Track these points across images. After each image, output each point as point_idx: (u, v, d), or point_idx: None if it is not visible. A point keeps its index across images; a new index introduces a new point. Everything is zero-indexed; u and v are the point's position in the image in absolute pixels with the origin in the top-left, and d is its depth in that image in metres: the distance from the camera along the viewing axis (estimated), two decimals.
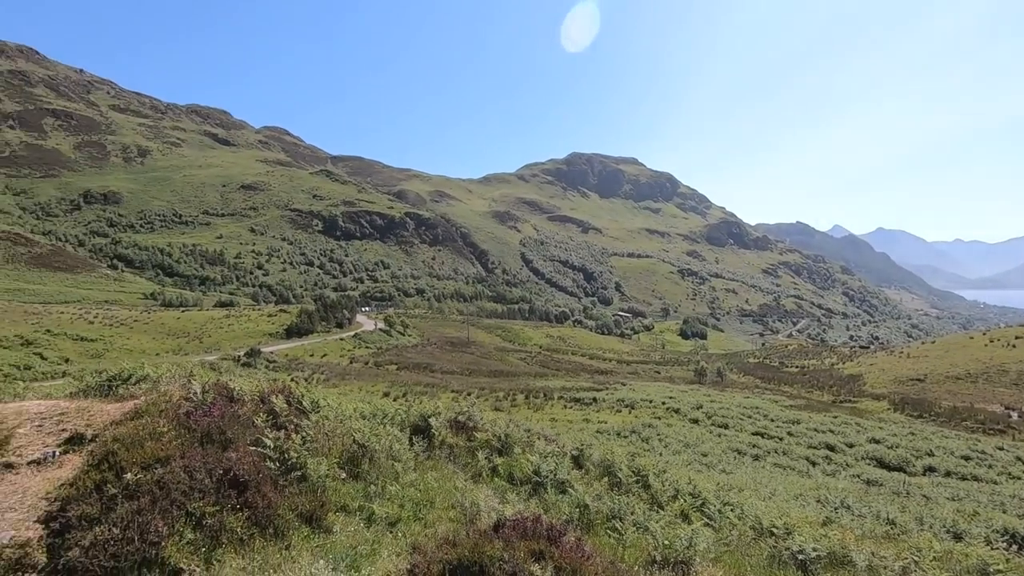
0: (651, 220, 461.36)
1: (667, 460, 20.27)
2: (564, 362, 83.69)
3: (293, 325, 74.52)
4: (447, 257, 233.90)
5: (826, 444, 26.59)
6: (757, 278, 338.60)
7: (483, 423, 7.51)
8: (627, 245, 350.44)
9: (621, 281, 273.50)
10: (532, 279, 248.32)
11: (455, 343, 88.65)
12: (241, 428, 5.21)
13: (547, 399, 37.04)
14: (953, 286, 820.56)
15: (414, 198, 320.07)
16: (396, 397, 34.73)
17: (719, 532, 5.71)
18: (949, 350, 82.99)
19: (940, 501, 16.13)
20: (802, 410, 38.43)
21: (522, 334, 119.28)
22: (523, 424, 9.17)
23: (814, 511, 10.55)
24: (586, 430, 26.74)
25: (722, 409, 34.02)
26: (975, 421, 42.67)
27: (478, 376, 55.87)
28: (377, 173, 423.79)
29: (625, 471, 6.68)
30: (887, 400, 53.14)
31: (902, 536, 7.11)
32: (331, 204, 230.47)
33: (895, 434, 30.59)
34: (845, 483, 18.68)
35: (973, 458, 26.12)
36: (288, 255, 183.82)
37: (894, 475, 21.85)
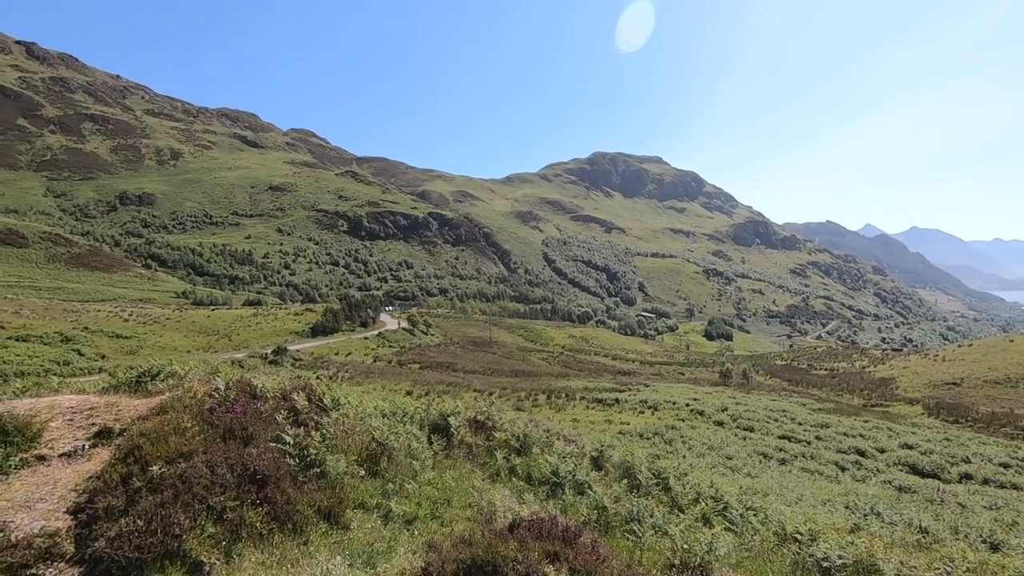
0: (675, 220, 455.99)
1: (690, 463, 19.98)
2: (586, 363, 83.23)
3: (319, 324, 75.68)
4: (470, 257, 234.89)
5: (856, 449, 25.87)
6: (785, 278, 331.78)
7: (502, 423, 7.49)
8: (651, 245, 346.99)
9: (644, 281, 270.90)
10: (555, 279, 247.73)
11: (477, 343, 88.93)
12: (262, 424, 5.30)
13: (569, 400, 36.86)
14: (992, 287, 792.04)
15: (437, 198, 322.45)
16: (418, 396, 34.99)
17: (741, 537, 5.59)
18: (987, 353, 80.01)
19: (976, 510, 15.55)
20: (831, 414, 37.51)
21: (544, 334, 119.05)
22: (543, 424, 9.14)
23: (842, 517, 10.28)
24: (608, 431, 26.54)
25: (748, 412, 33.40)
26: (1015, 427, 41.06)
27: (500, 376, 55.93)
28: (401, 174, 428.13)
29: (645, 473, 6.59)
30: (921, 404, 51.54)
31: (935, 545, 6.87)
32: (356, 205, 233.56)
33: (929, 439, 29.61)
34: (876, 489, 18.15)
35: (1013, 466, 25.12)
36: (314, 255, 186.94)
37: (928, 482, 21.15)
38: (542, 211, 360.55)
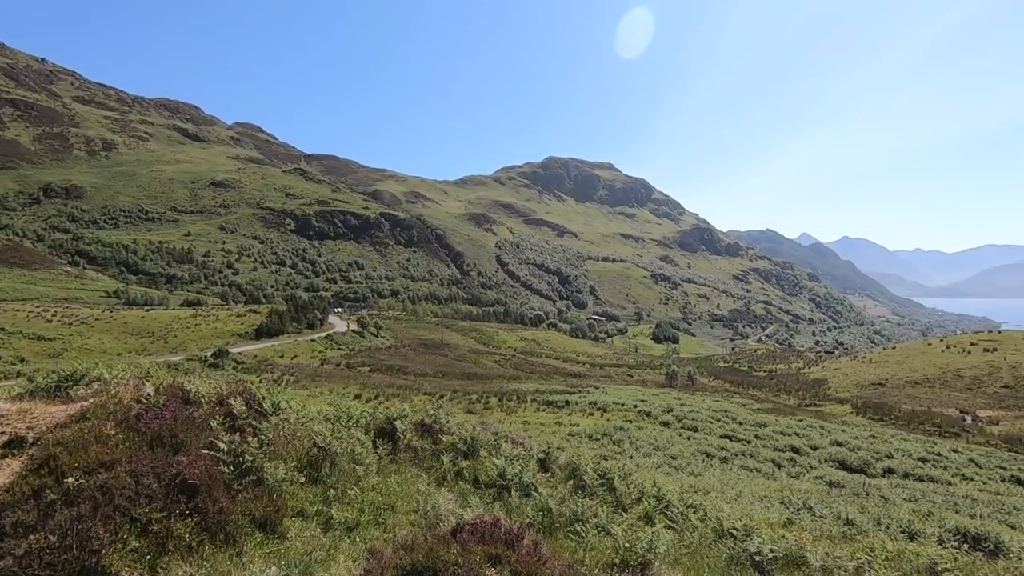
0: (626, 225, 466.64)
1: (637, 463, 20.46)
2: (538, 365, 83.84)
3: (263, 325, 73.02)
4: (422, 259, 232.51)
5: (791, 447, 27.13)
6: (728, 284, 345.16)
7: (450, 426, 7.43)
8: (602, 249, 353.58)
9: (596, 285, 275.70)
10: (507, 282, 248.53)
11: (429, 345, 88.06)
12: (195, 431, 5.05)
13: (520, 402, 37.01)
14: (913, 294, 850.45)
15: (389, 199, 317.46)
16: (367, 399, 34.30)
17: (681, 534, 5.75)
18: (909, 356, 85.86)
19: (897, 502, 16.60)
20: (769, 413, 39.22)
21: (496, 336, 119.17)
22: (492, 427, 9.13)
23: (777, 512, 10.74)
24: (558, 433, 26.80)
25: (692, 412, 34.48)
26: (932, 424, 44.21)
27: (452, 378, 55.56)
28: (352, 173, 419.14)
29: (591, 474, 6.69)
30: (850, 404, 54.67)
31: (859, 536, 7.28)
32: (304, 203, 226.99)
33: (857, 437, 31.43)
34: (808, 484, 19.07)
35: (930, 460, 27.01)
36: (259, 254, 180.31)
37: (855, 477, 22.44)
38: (496, 214, 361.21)
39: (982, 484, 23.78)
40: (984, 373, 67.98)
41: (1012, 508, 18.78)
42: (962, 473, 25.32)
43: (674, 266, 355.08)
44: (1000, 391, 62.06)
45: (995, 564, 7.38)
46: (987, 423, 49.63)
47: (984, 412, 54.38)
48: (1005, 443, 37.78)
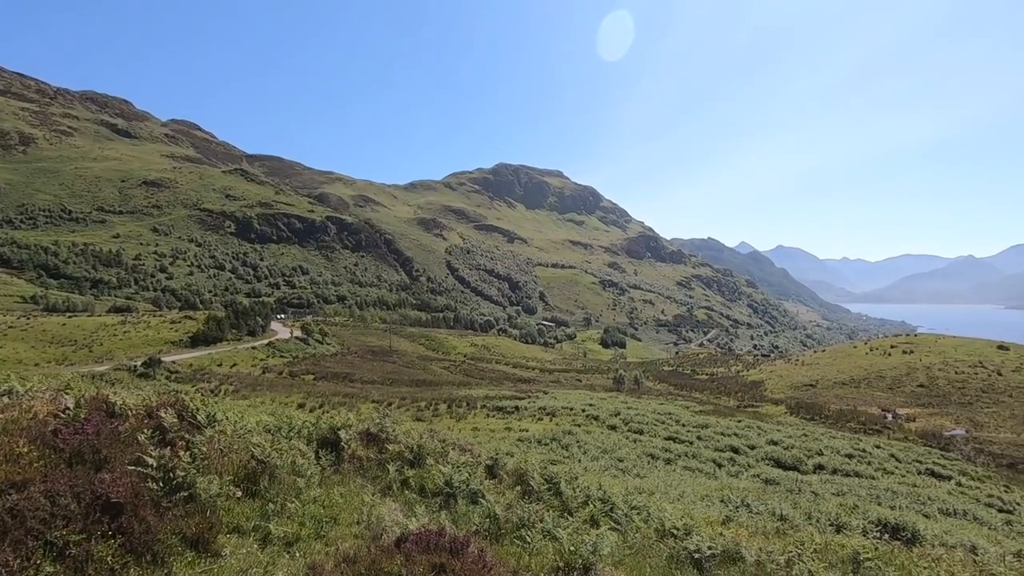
0: (575, 232, 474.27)
1: (585, 466, 20.73)
2: (488, 371, 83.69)
3: (200, 333, 69.56)
4: (370, 264, 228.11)
5: (731, 447, 28.15)
6: (672, 290, 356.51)
7: (397, 435, 7.31)
8: (551, 256, 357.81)
9: (545, 291, 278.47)
10: (457, 287, 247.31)
11: (377, 352, 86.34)
12: (120, 446, 4.75)
13: (470, 408, 36.81)
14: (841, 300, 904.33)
15: (336, 202, 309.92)
16: (312, 409, 33.23)
17: (625, 535, 5.88)
18: (837, 358, 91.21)
19: (827, 497, 17.55)
20: (710, 415, 40.63)
21: (446, 343, 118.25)
22: (440, 434, 9.04)
23: (717, 511, 11.13)
24: (508, 439, 26.80)
25: (638, 415, 35.27)
26: (857, 422, 47.04)
27: (400, 386, 54.65)
28: (297, 175, 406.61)
29: (537, 479, 6.73)
30: (785, 404, 57.43)
31: (791, 531, 7.66)
32: (246, 205, 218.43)
33: (791, 436, 33.01)
34: (746, 483, 19.87)
35: (855, 456, 28.71)
36: (196, 258, 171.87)
37: (789, 474, 23.54)
38: (446, 219, 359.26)
39: (901, 477, 25.49)
40: (903, 373, 73.00)
41: (927, 499, 20.24)
42: (884, 467, 27.03)
43: (621, 272, 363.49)
44: (916, 390, 66.80)
45: (911, 551, 7.94)
46: (905, 420, 53.30)
47: (903, 410, 58.37)
48: (921, 438, 40.69)
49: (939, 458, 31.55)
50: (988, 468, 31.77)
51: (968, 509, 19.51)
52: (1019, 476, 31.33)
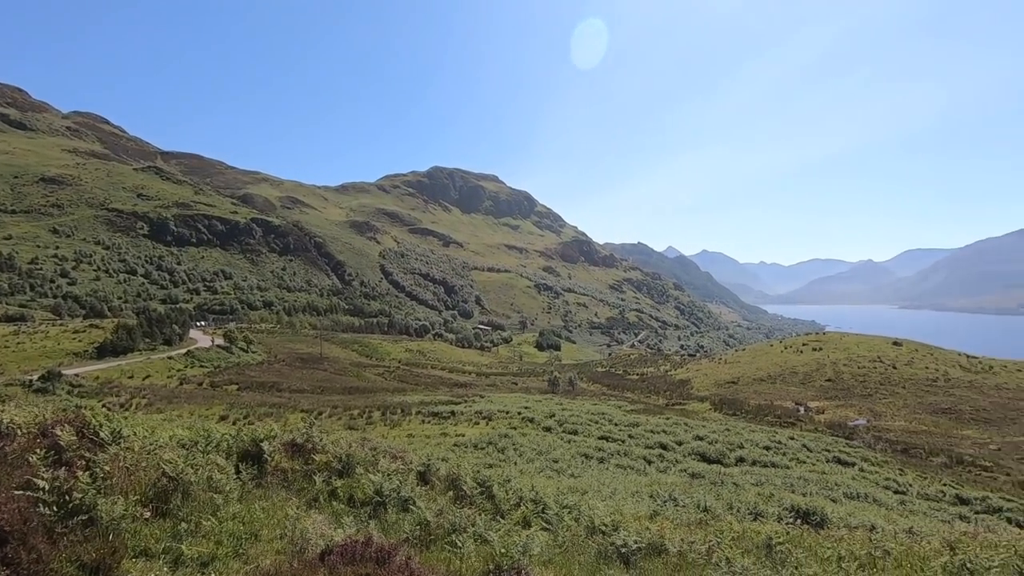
0: (510, 236, 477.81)
1: (520, 468, 20.87)
2: (424, 376, 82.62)
3: (108, 343, 64.29)
4: (299, 268, 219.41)
5: (660, 444, 29.21)
6: (605, 293, 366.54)
7: (324, 444, 7.05)
8: (487, 260, 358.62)
9: (481, 295, 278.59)
10: (392, 292, 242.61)
11: (307, 359, 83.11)
12: (7, 469, 4.30)
13: (405, 414, 36.17)
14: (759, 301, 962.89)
15: (262, 203, 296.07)
16: (235, 420, 31.51)
17: (556, 535, 5.97)
18: (756, 356, 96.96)
19: (746, 487, 18.58)
20: (641, 413, 42.03)
21: (380, 348, 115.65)
22: (371, 442, 8.82)
23: (646, 506, 11.53)
24: (443, 444, 26.55)
25: (572, 416, 35.92)
26: (774, 416, 50.17)
27: (332, 394, 52.86)
28: (219, 174, 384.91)
29: (470, 483, 6.71)
30: (709, 401, 60.37)
31: (712, 521, 8.05)
32: (161, 205, 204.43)
33: (715, 431, 34.70)
34: (674, 478, 20.68)
35: (772, 448, 30.57)
36: (104, 262, 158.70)
37: (713, 467, 24.72)
38: (379, 222, 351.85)
39: (812, 465, 27.40)
40: (813, 369, 78.67)
41: (834, 484, 21.89)
42: (797, 457, 28.96)
43: (556, 276, 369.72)
44: (825, 384, 72.16)
45: (819, 534, 8.56)
46: (816, 412, 57.45)
47: (813, 403, 62.89)
48: (829, 429, 43.96)
49: (844, 446, 34.19)
50: (886, 454, 34.78)
51: (869, 492, 21.28)
52: (911, 460, 34.51)
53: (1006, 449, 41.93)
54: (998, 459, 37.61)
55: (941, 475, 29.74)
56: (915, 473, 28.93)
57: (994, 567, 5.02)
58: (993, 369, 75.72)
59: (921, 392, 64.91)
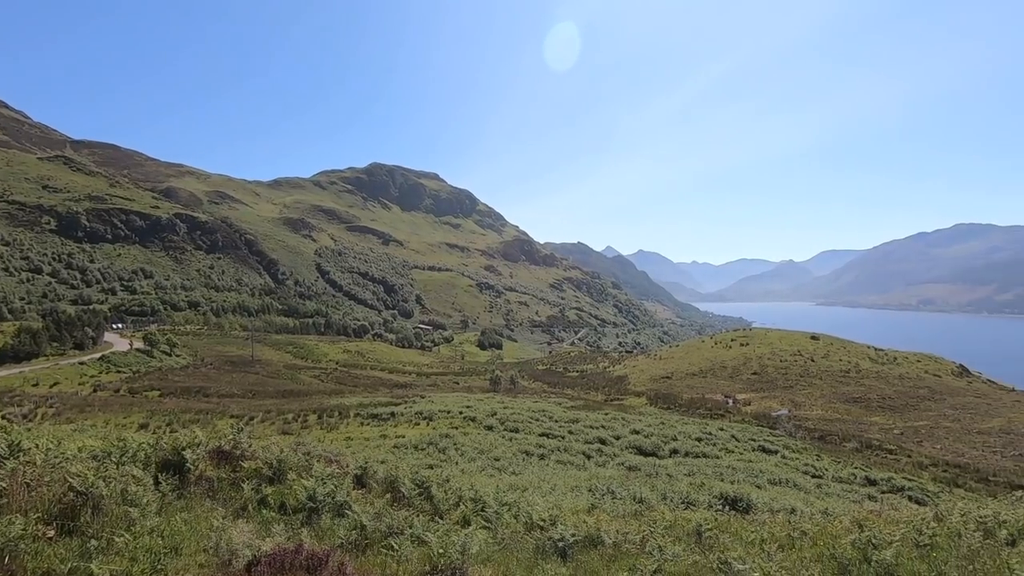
0: (451, 235, 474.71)
1: (462, 468, 20.80)
2: (362, 377, 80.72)
3: (8, 348, 58.81)
4: (228, 266, 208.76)
5: (599, 439, 29.91)
6: (546, 292, 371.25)
7: (254, 450, 6.74)
8: (428, 258, 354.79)
9: (422, 294, 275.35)
10: (329, 291, 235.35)
11: (237, 362, 79.24)
12: None
13: (343, 417, 35.23)
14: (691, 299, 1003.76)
15: (187, 198, 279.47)
16: (157, 429, 29.60)
17: (495, 532, 5.99)
18: (688, 352, 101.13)
19: (679, 477, 19.35)
20: (581, 410, 42.88)
21: (316, 350, 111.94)
22: (305, 447, 8.51)
23: (585, 500, 11.76)
24: (383, 446, 26.06)
25: (514, 414, 36.17)
26: (705, 409, 52.51)
27: (264, 397, 50.69)
28: (138, 166, 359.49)
29: (408, 485, 6.60)
30: (645, 396, 62.44)
31: (647, 512, 8.33)
32: (71, 198, 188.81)
33: (650, 425, 35.95)
34: (612, 471, 21.23)
35: (704, 439, 32.00)
36: (4, 259, 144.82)
37: (649, 459, 25.57)
38: (315, 219, 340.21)
39: (740, 454, 28.90)
40: (740, 363, 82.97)
41: (759, 472, 23.17)
42: (726, 447, 30.46)
43: (497, 275, 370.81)
44: (751, 377, 76.28)
45: (745, 519, 9.04)
46: (743, 404, 60.61)
47: (741, 395, 66.33)
48: (755, 419, 46.52)
49: (768, 436, 36.28)
50: (805, 441, 37.20)
51: (790, 477, 22.69)
52: (827, 446, 37.09)
53: (907, 433, 45.86)
54: (901, 442, 41.07)
55: (853, 459, 32.13)
56: (830, 458, 31.09)
57: (895, 541, 5.48)
58: (896, 360, 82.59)
59: (835, 383, 69.84)
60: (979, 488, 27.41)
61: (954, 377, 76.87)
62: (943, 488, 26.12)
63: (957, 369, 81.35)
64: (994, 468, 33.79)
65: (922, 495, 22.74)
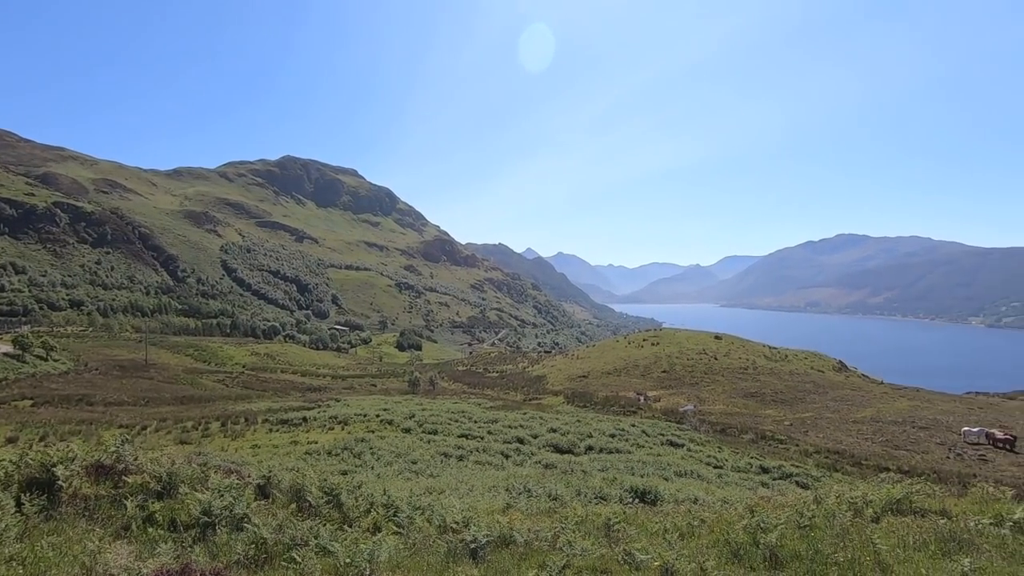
0: (370, 233, 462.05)
1: (378, 473, 20.30)
2: (272, 381, 76.60)
3: None
4: (119, 262, 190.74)
5: (517, 438, 30.27)
6: (466, 292, 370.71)
7: (141, 463, 6.16)
8: (345, 257, 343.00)
9: (339, 294, 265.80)
10: (236, 290, 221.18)
11: (128, 367, 72.49)
12: None
13: (249, 424, 33.26)
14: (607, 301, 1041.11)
15: (70, 186, 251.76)
16: (28, 443, 26.43)
17: (407, 537, 5.87)
18: (604, 352, 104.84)
19: (593, 473, 19.96)
20: (500, 410, 43.20)
21: (221, 353, 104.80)
22: (203, 457, 7.92)
23: (501, 499, 11.83)
24: (293, 453, 24.90)
25: (433, 416, 35.81)
26: (619, 406, 54.64)
27: (160, 405, 46.76)
28: (10, 147, 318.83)
29: (316, 493, 6.31)
30: (563, 395, 63.97)
31: (560, 509, 8.52)
32: None
33: (567, 423, 36.87)
34: (529, 470, 21.54)
35: (617, 435, 33.28)
36: None
37: (565, 457, 26.22)
38: (221, 213, 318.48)
39: (650, 449, 30.32)
40: (651, 362, 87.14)
41: (667, 464, 24.43)
42: (638, 442, 31.85)
43: (417, 275, 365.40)
44: (661, 375, 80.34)
45: (652, 510, 9.48)
46: (653, 401, 63.68)
47: (652, 392, 69.65)
48: (664, 415, 49.03)
49: (676, 430, 38.35)
50: (708, 434, 39.71)
51: (694, 469, 24.12)
52: (727, 438, 39.80)
53: (796, 424, 50.22)
54: (791, 433, 44.90)
55: (749, 449, 34.70)
56: (730, 449, 33.39)
57: (780, 524, 5.97)
58: (787, 358, 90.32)
59: (735, 379, 75.15)
60: (854, 471, 30.53)
61: (835, 372, 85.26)
62: (825, 473, 28.85)
63: (837, 365, 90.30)
64: (866, 453, 37.78)
65: (807, 480, 24.98)
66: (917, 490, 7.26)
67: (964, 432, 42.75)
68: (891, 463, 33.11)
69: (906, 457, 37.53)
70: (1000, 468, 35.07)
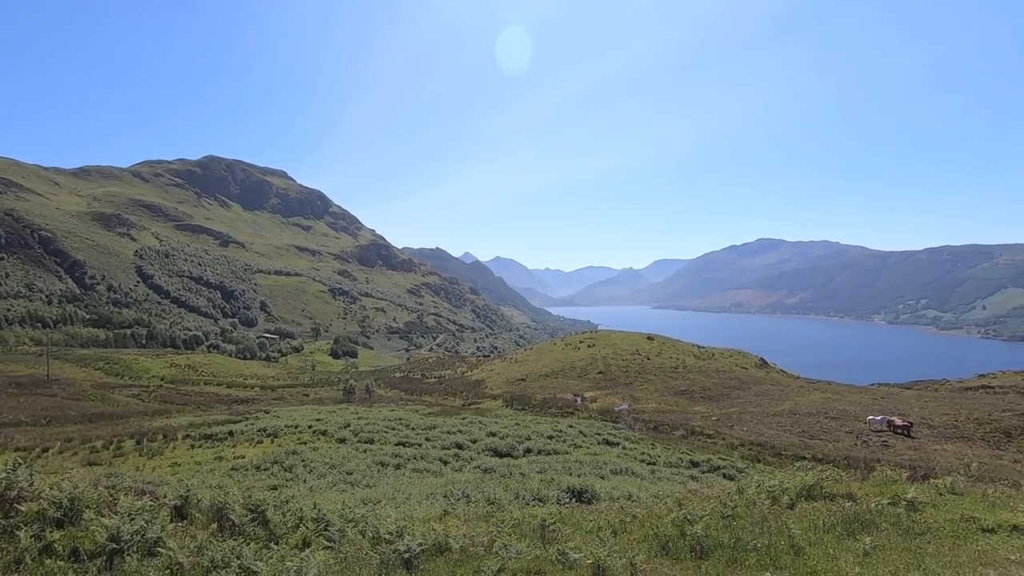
0: (301, 237, 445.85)
1: (311, 486, 19.55)
2: (194, 395, 72.17)
3: None
4: (15, 268, 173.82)
5: (456, 443, 30.00)
6: (403, 297, 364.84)
7: (38, 489, 5.62)
8: (274, 262, 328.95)
9: (268, 300, 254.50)
10: (152, 298, 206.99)
11: (26, 384, 66.08)
12: None
13: (168, 440, 31.12)
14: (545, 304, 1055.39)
15: None
16: None
17: (338, 551, 5.68)
18: (542, 355, 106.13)
19: (532, 475, 20.10)
20: (438, 416, 42.67)
21: (136, 365, 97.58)
22: (112, 479, 7.33)
23: (439, 506, 11.70)
24: (218, 470, 23.53)
25: (368, 425, 34.88)
26: (557, 408, 55.41)
27: (64, 424, 42.92)
28: None
29: (239, 510, 5.98)
30: (502, 399, 64.16)
31: (497, 513, 8.52)
32: None
33: (506, 426, 36.91)
34: (468, 475, 21.40)
35: (555, 436, 33.68)
36: None
37: (504, 460, 26.22)
38: (136, 215, 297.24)
39: (587, 449, 30.91)
40: (588, 363, 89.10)
41: (603, 463, 24.99)
42: (575, 443, 32.38)
43: (352, 280, 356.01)
44: (597, 376, 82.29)
45: (587, 509, 9.68)
46: (590, 401, 65.08)
47: (588, 393, 71.18)
48: (600, 415, 50.18)
49: (612, 429, 39.33)
50: (642, 432, 41.01)
51: (629, 466, 24.82)
52: (660, 435, 41.27)
53: (723, 419, 52.84)
54: (718, 427, 47.17)
55: (680, 445, 36.14)
56: (662, 446, 34.62)
57: (705, 516, 6.27)
58: (714, 356, 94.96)
59: (667, 378, 78.17)
60: (774, 462, 32.46)
61: (757, 369, 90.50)
62: (749, 464, 30.48)
63: (759, 362, 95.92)
64: (785, 444, 40.32)
65: (733, 472, 26.30)
66: (827, 477, 7.83)
67: (869, 420, 46.54)
68: (807, 452, 35.47)
69: (820, 446, 40.37)
70: (899, 452, 38.45)
